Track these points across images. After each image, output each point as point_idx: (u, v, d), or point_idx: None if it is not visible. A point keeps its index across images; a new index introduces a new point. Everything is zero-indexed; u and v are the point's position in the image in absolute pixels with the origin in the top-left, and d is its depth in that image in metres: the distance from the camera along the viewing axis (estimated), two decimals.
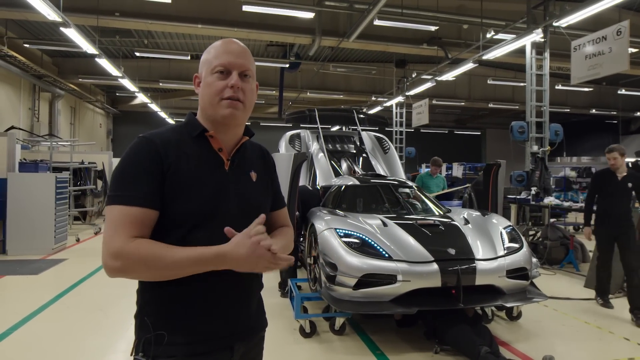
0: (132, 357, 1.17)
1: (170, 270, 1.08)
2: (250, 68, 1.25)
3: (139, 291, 1.22)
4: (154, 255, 1.07)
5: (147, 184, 1.12)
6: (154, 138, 1.18)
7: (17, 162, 7.72)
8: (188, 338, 1.15)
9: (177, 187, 1.14)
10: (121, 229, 1.08)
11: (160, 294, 1.17)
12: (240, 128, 1.30)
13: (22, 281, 5.64)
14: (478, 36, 9.95)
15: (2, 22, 10.64)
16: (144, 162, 1.14)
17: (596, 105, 19.33)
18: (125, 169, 1.14)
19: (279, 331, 3.93)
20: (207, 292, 1.17)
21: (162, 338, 1.13)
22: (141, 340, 1.16)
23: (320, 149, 6.68)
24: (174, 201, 1.14)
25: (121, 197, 1.11)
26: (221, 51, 1.23)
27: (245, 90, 1.23)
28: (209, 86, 1.21)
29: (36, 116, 13.95)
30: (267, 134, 16.74)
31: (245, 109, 1.25)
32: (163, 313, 1.16)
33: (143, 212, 1.10)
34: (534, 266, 4.00)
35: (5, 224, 7.12)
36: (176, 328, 1.15)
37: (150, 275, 1.12)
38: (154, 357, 1.13)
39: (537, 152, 8.07)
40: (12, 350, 3.50)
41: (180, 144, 1.20)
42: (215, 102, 1.21)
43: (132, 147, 1.17)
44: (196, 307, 1.17)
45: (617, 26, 6.09)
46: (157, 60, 15.26)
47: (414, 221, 4.24)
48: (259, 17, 9.88)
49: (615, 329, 4.17)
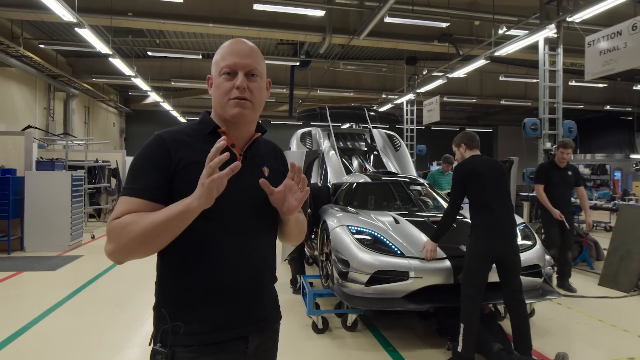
0: (151, 347, 1.20)
1: (150, 233, 1.08)
2: (257, 67, 1.27)
3: (157, 283, 1.26)
4: (133, 221, 1.10)
5: (153, 179, 1.17)
6: (165, 135, 1.23)
7: (34, 161, 7.87)
8: (204, 328, 1.18)
9: (189, 181, 1.16)
10: (115, 213, 1.15)
11: (177, 285, 1.21)
12: (252, 125, 1.33)
13: (39, 277, 5.77)
14: (490, 32, 9.85)
15: (17, 23, 10.84)
16: (152, 158, 1.19)
17: (611, 101, 19.02)
18: (136, 164, 1.21)
19: (291, 327, 3.97)
20: (222, 283, 1.21)
21: (179, 328, 1.17)
22: (159, 331, 1.19)
23: (331, 147, 6.69)
24: (187, 195, 1.15)
25: (128, 189, 1.18)
26: (228, 52, 1.26)
27: (253, 89, 1.25)
28: (217, 87, 1.26)
29: (51, 115, 14.18)
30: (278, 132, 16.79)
31: (254, 107, 1.27)
32: (179, 304, 1.20)
33: (145, 204, 1.15)
34: (547, 264, 3.98)
35: (23, 222, 7.27)
36: (192, 318, 1.18)
37: (137, 245, 1.10)
38: (171, 347, 1.16)
39: (550, 149, 7.98)
40: (32, 344, 3.59)
41: (193, 140, 1.24)
42: (224, 103, 1.25)
43: (145, 145, 1.24)
44: (211, 298, 1.20)
45: (633, 21, 6.00)
46: (169, 60, 15.40)
47: (425, 218, 4.25)
48: (269, 15, 9.92)
49: (630, 327, 4.13)
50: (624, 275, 5.34)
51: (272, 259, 1.36)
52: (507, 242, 3.19)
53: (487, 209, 3.21)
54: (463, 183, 3.29)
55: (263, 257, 1.31)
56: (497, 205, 3.21)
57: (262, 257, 1.31)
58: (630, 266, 5.37)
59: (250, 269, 1.25)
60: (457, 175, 3.36)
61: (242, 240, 1.23)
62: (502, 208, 3.22)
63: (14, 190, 7.07)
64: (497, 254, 3.17)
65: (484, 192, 3.24)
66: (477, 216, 3.25)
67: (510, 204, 3.33)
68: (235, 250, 1.23)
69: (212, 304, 1.20)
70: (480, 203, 3.25)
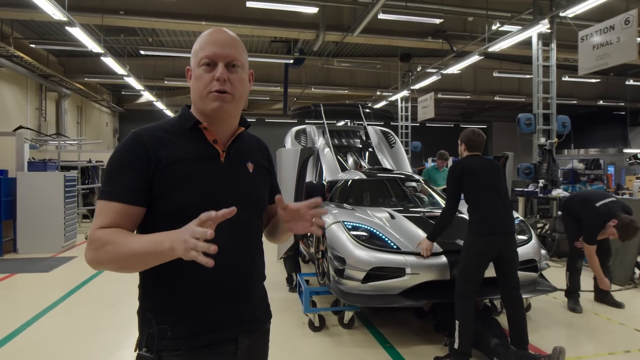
0: (136, 352, 1.16)
1: (127, 260, 1.05)
2: (239, 58, 1.20)
3: (140, 286, 1.21)
4: (113, 241, 1.05)
5: (131, 180, 1.12)
6: (144, 134, 1.17)
7: (26, 162, 7.79)
8: (192, 331, 1.15)
9: (171, 180, 1.13)
10: (96, 221, 1.10)
11: (162, 288, 1.16)
12: (234, 119, 1.27)
13: (33, 279, 5.71)
14: (483, 28, 9.87)
15: (7, 23, 10.71)
16: (129, 159, 1.13)
17: (604, 96, 19.11)
18: (112, 165, 1.16)
19: (288, 325, 3.95)
20: (210, 284, 1.16)
21: (166, 332, 1.13)
22: (144, 336, 1.15)
23: (326, 144, 6.67)
24: (170, 195, 1.13)
25: (105, 192, 1.12)
26: (207, 42, 1.19)
27: (233, 81, 1.19)
28: (197, 79, 1.19)
29: (43, 116, 14.05)
30: (273, 130, 16.73)
31: (235, 101, 1.21)
32: (165, 307, 1.16)
33: (124, 207, 1.10)
34: (542, 258, 3.99)
35: (15, 223, 7.20)
36: (179, 321, 1.14)
37: (115, 266, 1.07)
38: (157, 352, 1.12)
39: (545, 144, 8.01)
40: (26, 346, 3.55)
41: (173, 137, 1.18)
42: (204, 96, 1.18)
43: (121, 143, 1.18)
44: (199, 299, 1.16)
45: (625, 15, 6.02)
46: (161, 59, 15.28)
47: (421, 214, 4.24)
48: (262, 12, 9.87)
49: (626, 320, 4.14)
50: (619, 269, 5.37)
51: (260, 258, 1.32)
52: (506, 238, 3.19)
53: (483, 205, 3.21)
54: (457, 182, 3.30)
55: (251, 257, 1.27)
56: (494, 202, 3.20)
57: (250, 256, 1.27)
58: (626, 259, 5.40)
59: (238, 269, 1.21)
60: (450, 175, 3.38)
61: (229, 240, 1.17)
62: (499, 204, 3.21)
63: (5, 191, 6.99)
64: (496, 251, 3.16)
65: (480, 189, 3.24)
66: (475, 213, 3.25)
67: (507, 200, 3.32)
68: (222, 250, 1.18)
69: (200, 306, 1.16)
70: (476, 200, 3.24)
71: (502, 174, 3.41)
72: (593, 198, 4.37)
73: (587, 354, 3.47)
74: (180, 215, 1.11)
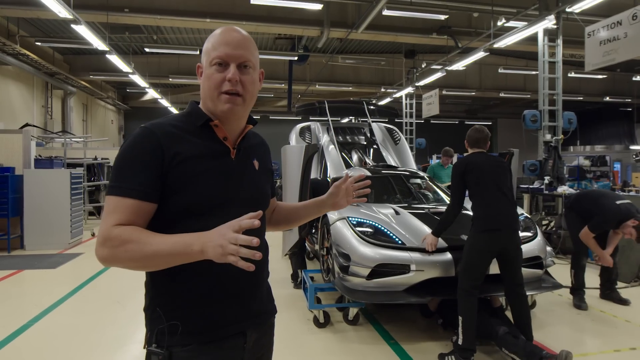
0: (146, 348, 1.16)
1: (150, 260, 1.04)
2: (250, 59, 1.20)
3: (148, 283, 1.22)
4: (135, 240, 1.03)
5: (144, 176, 1.10)
6: (156, 129, 1.15)
7: (32, 159, 7.85)
8: (203, 326, 1.16)
9: (183, 177, 1.13)
10: (111, 218, 1.07)
11: (173, 285, 1.17)
12: (243, 119, 1.28)
13: (40, 275, 5.76)
14: (489, 24, 9.80)
15: (13, 21, 10.78)
16: (143, 155, 1.11)
17: (610, 92, 18.97)
18: (124, 160, 1.13)
19: (293, 322, 3.97)
20: (220, 279, 1.18)
21: (176, 328, 1.14)
22: (154, 332, 1.16)
23: (330, 141, 6.67)
24: (182, 191, 1.13)
25: (117, 188, 1.10)
26: (219, 41, 1.19)
27: (245, 82, 1.19)
28: (208, 79, 1.19)
29: (49, 113, 14.15)
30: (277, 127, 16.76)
31: (245, 103, 1.21)
32: (176, 303, 1.16)
33: (139, 204, 1.09)
34: (548, 255, 3.98)
35: (22, 220, 7.26)
36: (190, 317, 1.15)
37: (134, 265, 1.06)
38: (168, 347, 1.13)
39: (550, 141, 7.96)
40: (33, 342, 3.58)
41: (184, 133, 1.18)
42: (214, 96, 1.18)
43: (133, 138, 1.14)
44: (210, 295, 1.17)
45: (633, 10, 5.96)
46: (166, 56, 15.34)
47: (426, 210, 4.24)
48: (267, 9, 9.87)
49: (632, 317, 4.13)
50: (625, 266, 5.34)
51: (266, 253, 1.33)
52: (509, 234, 3.18)
53: (487, 202, 3.20)
54: (460, 179, 3.31)
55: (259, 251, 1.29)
56: (497, 199, 3.20)
57: (258, 251, 1.28)
58: (631, 257, 5.37)
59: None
60: (454, 172, 3.40)
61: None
62: (503, 201, 3.21)
63: (12, 188, 7.05)
64: (499, 247, 3.16)
65: (483, 186, 3.24)
66: (478, 209, 3.24)
67: (512, 197, 3.32)
68: None
69: (211, 301, 1.17)
70: (480, 197, 3.24)
71: (507, 171, 3.41)
72: (613, 197, 4.41)
73: (593, 351, 3.45)
74: (192, 212, 1.14)
